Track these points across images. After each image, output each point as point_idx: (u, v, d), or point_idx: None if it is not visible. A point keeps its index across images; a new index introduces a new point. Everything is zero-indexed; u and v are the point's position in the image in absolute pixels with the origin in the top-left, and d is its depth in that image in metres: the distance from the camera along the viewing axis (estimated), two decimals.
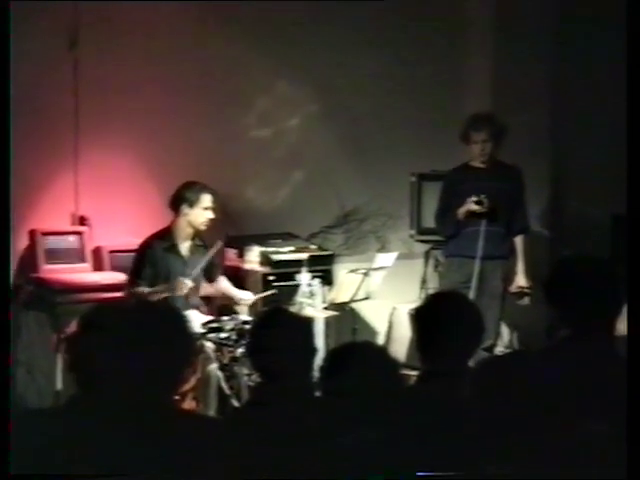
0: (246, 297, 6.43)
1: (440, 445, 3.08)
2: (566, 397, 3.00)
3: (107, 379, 2.82)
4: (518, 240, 6.88)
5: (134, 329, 2.89)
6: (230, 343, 5.92)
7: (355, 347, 3.45)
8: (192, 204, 6.19)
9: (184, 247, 6.30)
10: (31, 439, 2.80)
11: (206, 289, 6.50)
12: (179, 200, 6.22)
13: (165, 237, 6.26)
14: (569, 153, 8.39)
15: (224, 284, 6.54)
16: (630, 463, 2.71)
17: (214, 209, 6.26)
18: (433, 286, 7.62)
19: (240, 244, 7.11)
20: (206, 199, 6.22)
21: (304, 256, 6.82)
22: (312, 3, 7.47)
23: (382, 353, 3.32)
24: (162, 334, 2.89)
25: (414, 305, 5.31)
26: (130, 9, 6.75)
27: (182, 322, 3.02)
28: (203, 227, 6.26)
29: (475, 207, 6.60)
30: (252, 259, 6.99)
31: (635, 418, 2.93)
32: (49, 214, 6.72)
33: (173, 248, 6.25)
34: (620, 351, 3.50)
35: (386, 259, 6.93)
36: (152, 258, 6.20)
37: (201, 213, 6.22)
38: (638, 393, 3.09)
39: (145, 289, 6.11)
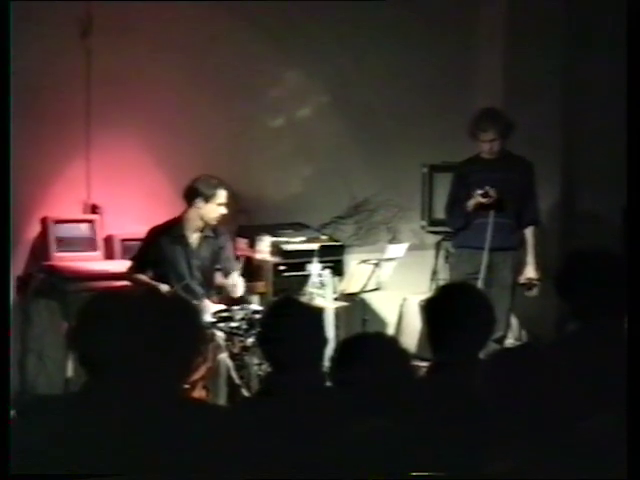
0: (237, 288, 6.28)
1: (449, 436, 3.09)
2: (576, 390, 3.00)
3: (116, 368, 2.83)
4: (528, 232, 6.86)
5: (143, 318, 2.90)
6: (241, 332, 5.93)
7: (366, 338, 3.46)
8: (208, 199, 6.17)
9: (193, 238, 6.29)
10: (33, 434, 2.80)
11: (218, 279, 6.49)
12: (194, 193, 6.19)
13: (174, 227, 6.26)
14: (580, 146, 8.37)
15: (233, 277, 6.43)
16: (630, 463, 2.71)
17: (227, 205, 6.26)
18: (444, 277, 7.62)
19: (251, 234, 7.11)
20: (222, 195, 6.20)
21: (315, 246, 6.83)
22: None
23: (392, 344, 3.32)
24: (171, 323, 2.90)
25: (425, 296, 5.33)
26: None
27: (191, 311, 3.03)
28: (214, 222, 6.25)
29: (482, 199, 6.61)
30: (263, 249, 6.99)
31: (635, 418, 2.93)
32: (61, 202, 6.73)
33: (181, 239, 6.25)
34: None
35: (397, 250, 6.93)
36: (158, 247, 6.20)
37: (215, 209, 6.20)
38: (638, 393, 3.08)
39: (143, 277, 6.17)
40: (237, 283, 6.26)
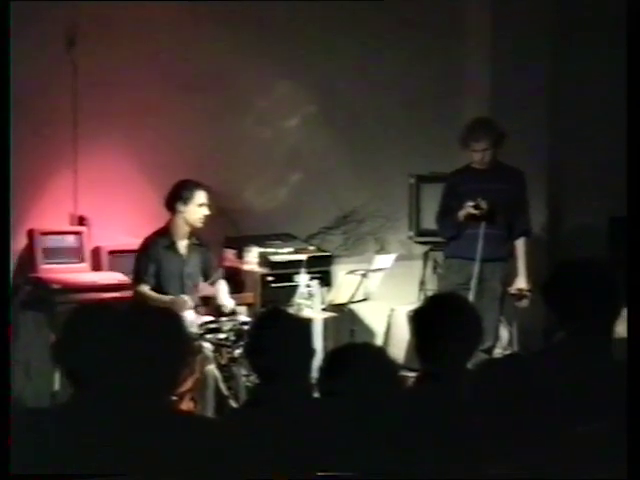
0: (227, 303, 6.36)
1: (438, 446, 3.08)
2: (564, 399, 3.00)
3: (102, 381, 2.82)
4: (520, 243, 6.84)
5: (130, 330, 2.89)
6: (228, 344, 5.92)
7: (353, 348, 3.45)
8: (186, 201, 6.21)
9: (182, 246, 6.31)
10: (31, 439, 2.79)
11: (205, 290, 6.49)
12: (174, 198, 6.24)
13: (164, 235, 6.28)
14: (567, 157, 8.39)
15: (220, 286, 6.50)
16: (630, 463, 2.71)
17: (209, 206, 6.27)
18: (432, 288, 7.63)
19: (239, 245, 7.11)
20: (200, 196, 6.24)
21: (303, 257, 6.83)
22: (311, 4, 7.47)
23: (380, 354, 3.32)
24: (158, 335, 2.89)
25: (412, 307, 5.31)
26: (128, 8, 6.75)
27: (178, 322, 3.03)
28: (199, 224, 6.27)
29: (473, 211, 6.60)
30: (251, 260, 6.99)
31: (635, 418, 2.93)
32: (48, 214, 6.71)
33: (172, 246, 6.27)
34: (617, 353, 3.51)
35: (385, 260, 6.93)
36: (154, 255, 6.23)
37: (196, 210, 6.23)
38: (638, 393, 3.09)
39: (147, 289, 6.16)
40: (225, 291, 6.35)
